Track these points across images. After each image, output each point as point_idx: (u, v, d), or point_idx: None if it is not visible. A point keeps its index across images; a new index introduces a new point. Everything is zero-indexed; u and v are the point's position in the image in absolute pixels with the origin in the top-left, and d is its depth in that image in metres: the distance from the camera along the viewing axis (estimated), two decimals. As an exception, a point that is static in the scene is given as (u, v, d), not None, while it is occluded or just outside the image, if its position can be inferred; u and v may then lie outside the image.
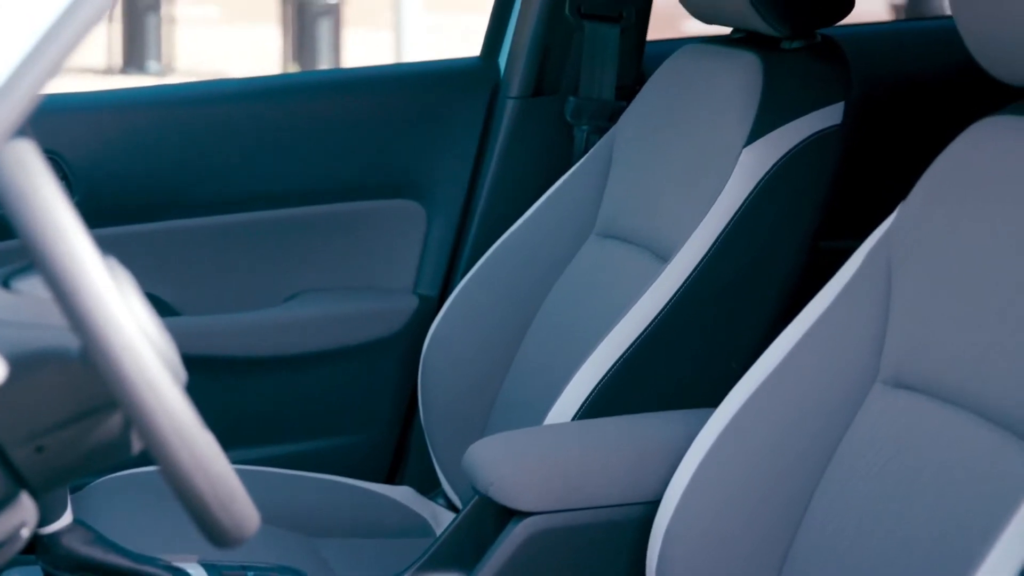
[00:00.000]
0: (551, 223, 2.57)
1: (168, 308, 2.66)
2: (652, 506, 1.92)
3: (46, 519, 1.66)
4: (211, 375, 2.63)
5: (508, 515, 1.96)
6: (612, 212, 2.52)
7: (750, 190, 2.28)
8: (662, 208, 2.40)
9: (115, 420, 1.11)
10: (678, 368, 2.30)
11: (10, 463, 1.09)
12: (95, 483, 2.43)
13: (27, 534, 1.13)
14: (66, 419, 1.10)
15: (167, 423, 1.03)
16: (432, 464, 2.57)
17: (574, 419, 2.23)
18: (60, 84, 1.35)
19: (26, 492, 1.12)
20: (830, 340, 1.84)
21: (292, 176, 2.72)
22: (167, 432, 1.03)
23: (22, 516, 1.12)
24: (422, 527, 2.50)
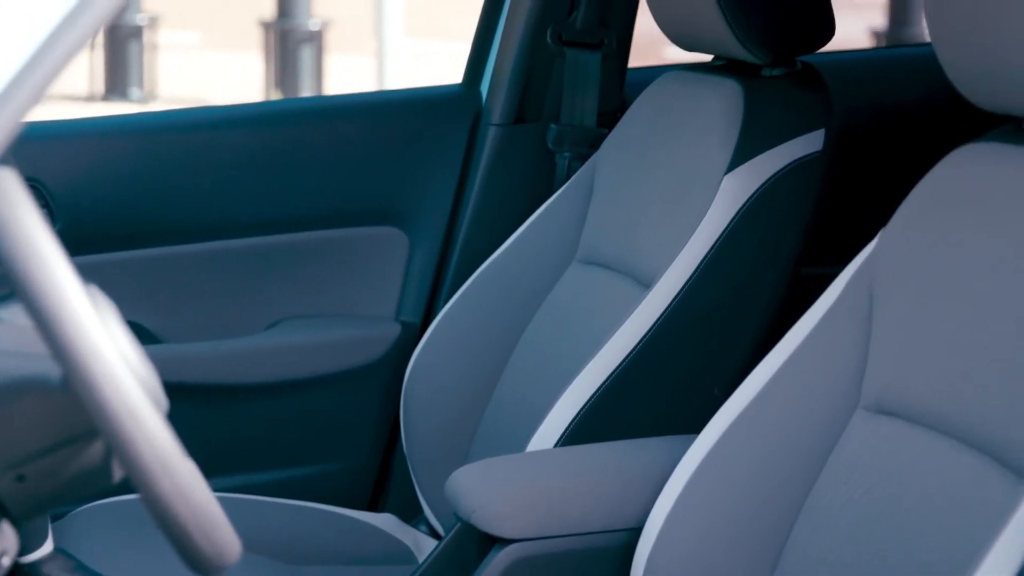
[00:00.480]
0: (533, 250, 2.58)
1: (150, 336, 2.65)
2: (635, 533, 1.91)
3: (26, 548, 1.65)
4: (193, 403, 2.62)
5: (490, 542, 1.96)
6: (594, 239, 2.52)
7: (732, 216, 2.28)
8: (644, 235, 2.40)
9: (96, 448, 1.11)
10: (660, 395, 2.31)
11: (-9, 492, 1.09)
12: (76, 511, 2.42)
13: (7, 563, 1.13)
14: (47, 447, 1.10)
15: (148, 451, 1.02)
16: (414, 491, 2.56)
17: (556, 446, 2.23)
18: (42, 111, 1.34)
19: (6, 521, 1.12)
20: (812, 366, 1.85)
21: (274, 203, 2.72)
22: (148, 460, 1.02)
23: (2, 545, 1.12)
24: (404, 554, 2.49)
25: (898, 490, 1.71)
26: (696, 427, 1.91)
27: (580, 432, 2.24)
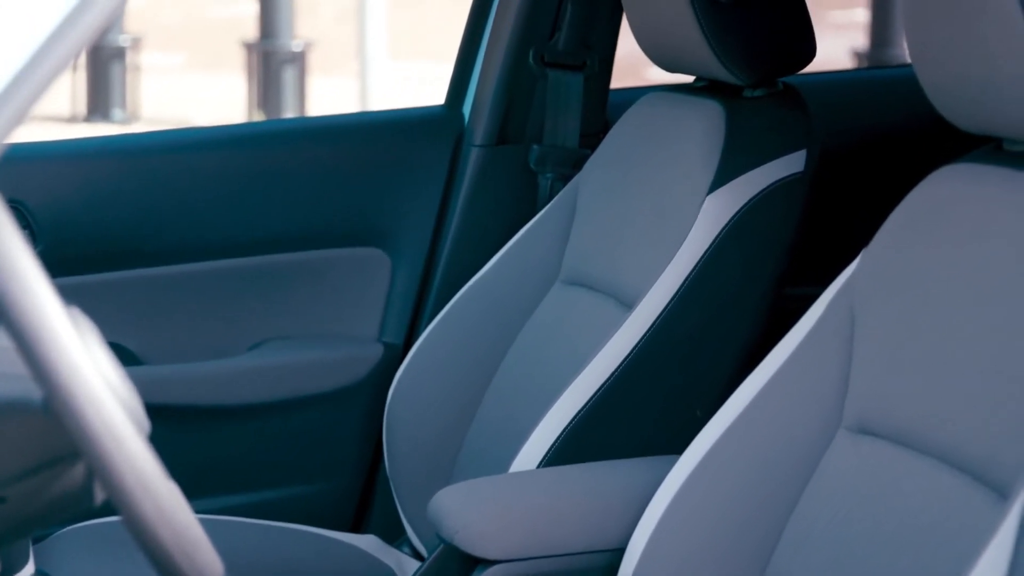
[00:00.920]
0: (516, 271, 2.58)
1: (132, 357, 2.65)
2: (618, 553, 1.91)
3: (8, 570, 1.65)
4: (175, 424, 2.62)
5: (473, 563, 1.96)
6: (576, 259, 2.53)
7: (714, 237, 2.29)
8: (626, 255, 2.41)
9: (78, 470, 1.10)
10: (643, 415, 2.31)
11: (-28, 514, 1.09)
12: (58, 534, 2.41)
13: (-12, 585, 1.13)
14: (28, 469, 1.09)
15: (130, 473, 1.02)
16: (397, 512, 2.56)
17: (539, 467, 2.23)
18: (24, 133, 1.34)
19: (-12, 543, 1.11)
20: (794, 387, 1.85)
21: (256, 224, 2.72)
22: (130, 482, 1.02)
23: (-17, 567, 1.11)
24: (387, 576, 2.49)
25: (881, 510, 1.71)
26: (678, 448, 1.91)
27: (563, 452, 2.24)
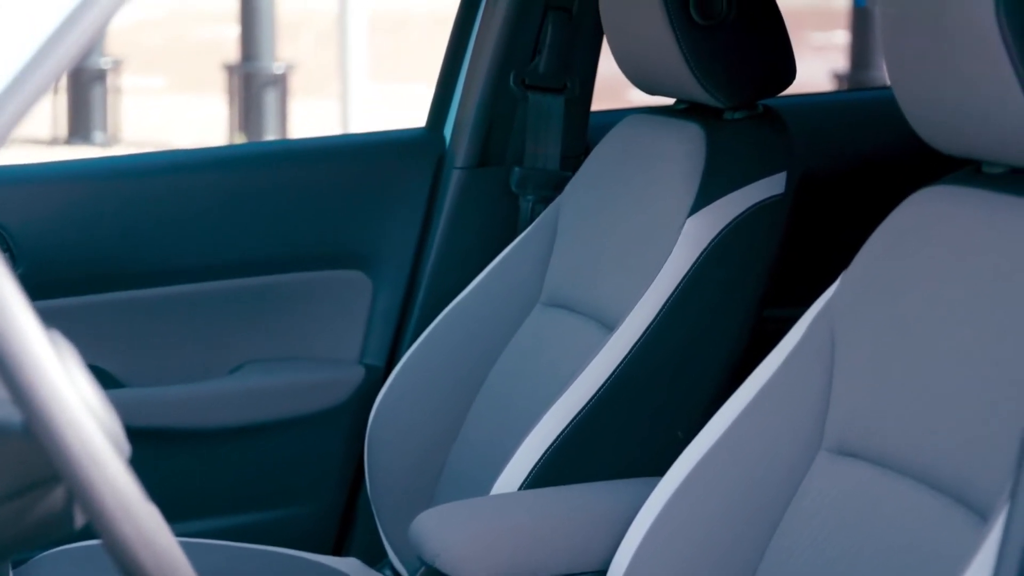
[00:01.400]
0: (497, 293, 2.58)
1: (112, 380, 2.64)
2: (599, 576, 1.92)
3: (-12, 594, 1.64)
4: (156, 447, 2.61)
5: (455, 585, 1.96)
6: (558, 281, 2.53)
7: (695, 259, 2.29)
8: (607, 277, 2.41)
9: (58, 494, 1.10)
10: (624, 437, 2.31)
11: (-49, 538, 1.09)
12: (38, 557, 2.41)
13: (-32, 610, 1.12)
14: (8, 493, 1.09)
15: (110, 496, 1.02)
16: (379, 535, 2.56)
17: (521, 489, 2.23)
18: (4, 155, 1.35)
19: (-33, 567, 1.11)
20: (775, 409, 1.85)
21: (237, 247, 2.72)
22: (110, 506, 1.02)
23: (-37, 591, 1.11)
24: (369, 599, 2.49)
25: (862, 531, 1.71)
26: (660, 470, 1.91)
27: (545, 474, 2.24)
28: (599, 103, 2.86)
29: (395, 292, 2.78)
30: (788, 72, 2.39)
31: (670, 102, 2.53)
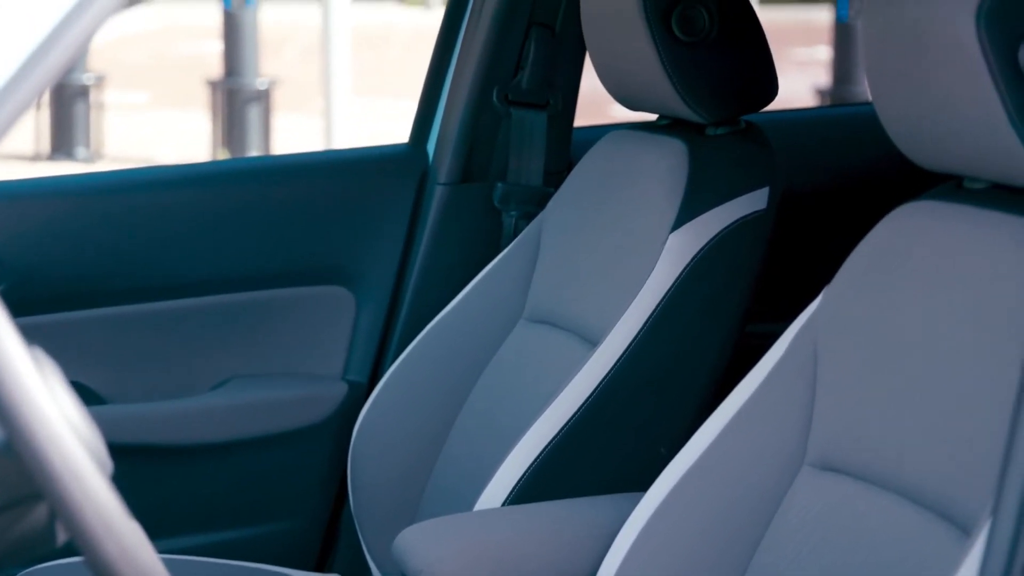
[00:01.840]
0: (480, 308, 2.58)
1: (95, 396, 2.64)
2: (583, 592, 1.91)
3: (-31, 612, 1.64)
4: (138, 464, 2.61)
5: (438, 602, 1.96)
6: (541, 297, 2.53)
7: (677, 274, 2.29)
8: (590, 293, 2.41)
9: (40, 511, 1.10)
10: (608, 453, 2.31)
11: (-67, 556, 1.08)
12: (20, 575, 2.40)
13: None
14: (-10, 510, 1.09)
15: (92, 514, 1.02)
16: (362, 551, 2.55)
17: (504, 504, 2.23)
18: (-14, 172, 1.34)
19: (-51, 585, 1.11)
20: (758, 424, 1.85)
21: (220, 263, 2.72)
22: (93, 523, 1.02)
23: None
24: (352, 615, 2.48)
25: (845, 547, 1.71)
26: (644, 485, 1.91)
27: (528, 490, 2.24)
28: (582, 119, 2.87)
29: (378, 308, 2.78)
30: (770, 88, 2.39)
31: (653, 118, 2.54)
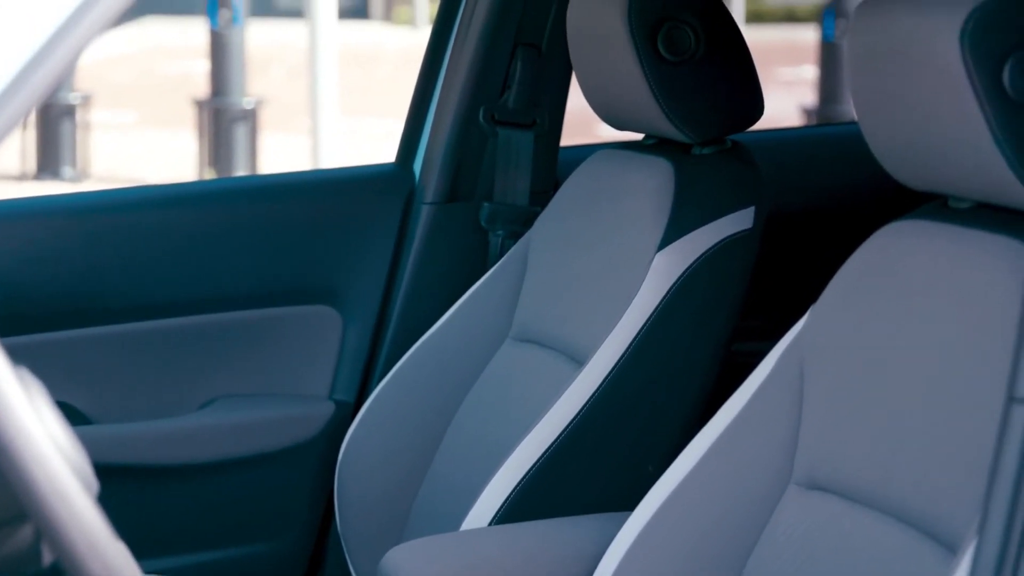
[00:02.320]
0: (467, 328, 2.58)
1: (81, 416, 2.63)
2: (570, 611, 1.91)
3: (-46, 633, 1.63)
4: (124, 484, 2.60)
5: (425, 622, 1.95)
6: (528, 316, 2.53)
7: (664, 294, 2.30)
8: (577, 312, 2.41)
9: (26, 531, 1.10)
10: (595, 472, 2.31)
11: (-82, 577, 1.08)
12: (6, 595, 2.39)
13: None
14: (-25, 531, 1.09)
15: (78, 534, 1.02)
16: (349, 571, 2.55)
17: (491, 523, 2.23)
18: (-28, 193, 1.34)
19: (-66, 606, 1.10)
20: (744, 443, 1.85)
21: (207, 282, 2.72)
22: (78, 543, 1.02)
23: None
24: (339, 635, 2.48)
25: (831, 565, 1.71)
26: (630, 504, 1.91)
27: (515, 510, 2.24)
28: (568, 138, 2.87)
29: (365, 328, 2.78)
30: (756, 107, 2.40)
31: (639, 137, 2.54)
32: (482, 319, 2.58)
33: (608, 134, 2.64)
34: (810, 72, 11.96)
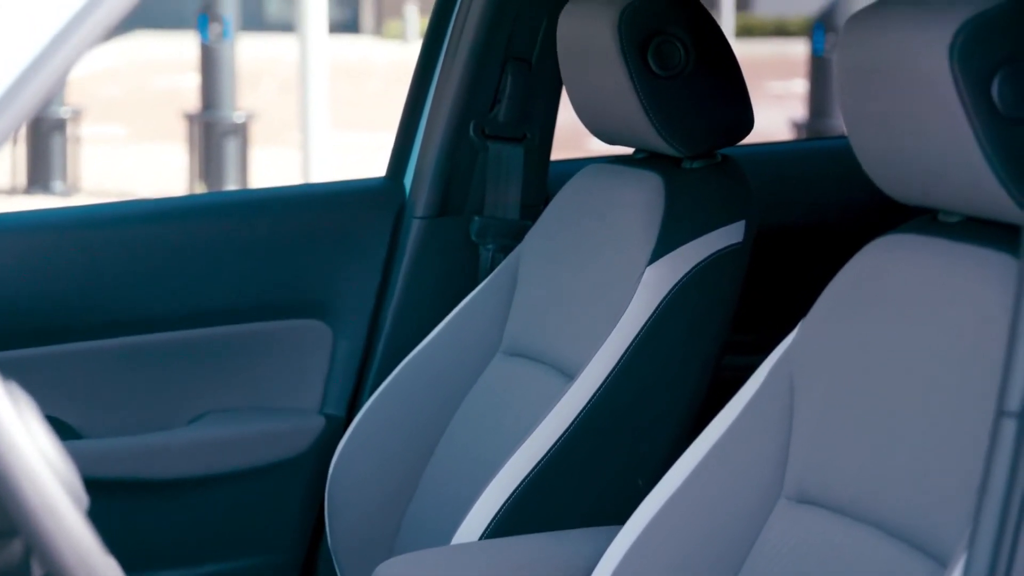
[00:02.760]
0: (457, 342, 2.58)
1: (71, 431, 2.63)
2: (560, 625, 1.91)
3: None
4: (114, 499, 2.60)
5: (416, 636, 1.95)
6: (518, 330, 2.53)
7: (654, 308, 2.30)
8: (567, 326, 2.41)
9: (16, 546, 1.09)
10: (585, 486, 2.31)
11: (-93, 592, 1.08)
12: (-5, 610, 2.39)
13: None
14: (-35, 546, 1.08)
15: (68, 549, 1.02)
16: (339, 585, 2.55)
17: (482, 538, 2.23)
18: (-38, 207, 1.34)
19: (-77, 621, 1.10)
20: (735, 456, 1.86)
21: (197, 296, 2.71)
22: (68, 558, 1.02)
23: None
24: (329, 650, 2.47)
25: (821, 579, 1.72)
26: (621, 518, 1.91)
27: (505, 524, 2.23)
28: (559, 152, 2.87)
29: (355, 342, 2.78)
30: (746, 121, 2.40)
31: (629, 151, 2.54)
32: (473, 333, 2.58)
33: (598, 148, 2.64)
34: (800, 86, 11.99)
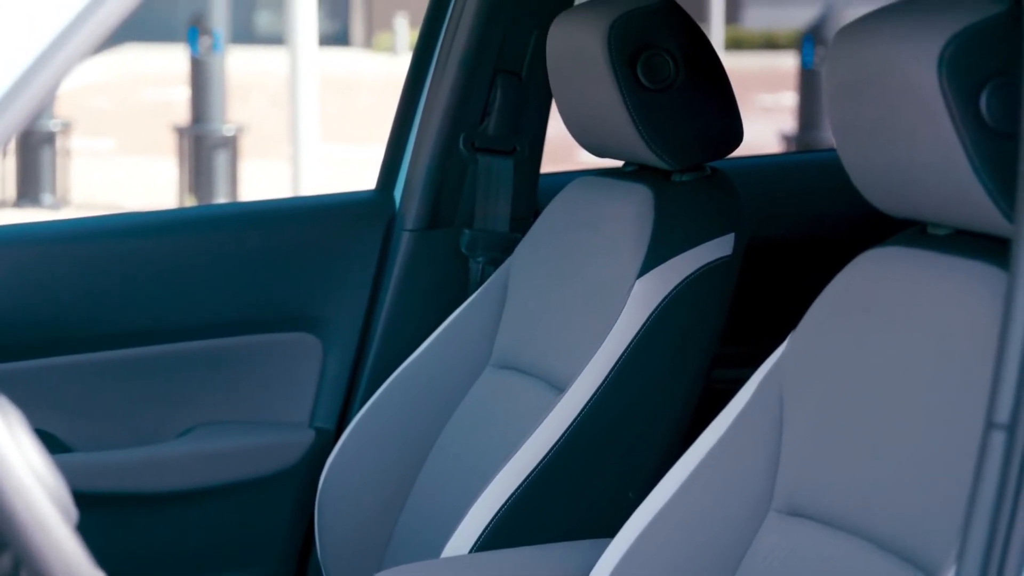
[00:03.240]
0: (447, 355, 2.58)
1: (60, 444, 2.62)
2: (550, 638, 1.91)
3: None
4: (104, 512, 2.59)
5: (406, 650, 1.95)
6: (508, 343, 2.53)
7: (644, 320, 2.30)
8: (557, 339, 2.42)
9: (4, 560, 1.09)
10: (575, 498, 2.31)
11: None
12: (-16, 624, 2.38)
13: None
14: (-46, 560, 1.08)
15: (57, 563, 1.01)
16: (329, 599, 2.55)
17: (472, 550, 2.22)
18: (-48, 220, 1.34)
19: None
20: (725, 469, 1.86)
21: (187, 310, 2.71)
22: (57, 572, 1.02)
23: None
24: (319, 663, 2.47)
25: (812, 592, 1.72)
26: (611, 530, 1.91)
27: (496, 537, 2.23)
28: (548, 165, 2.88)
29: (345, 355, 2.78)
30: (736, 134, 2.41)
31: (619, 164, 2.55)
32: (463, 346, 2.58)
33: (588, 161, 2.65)
34: (789, 99, 12.01)
